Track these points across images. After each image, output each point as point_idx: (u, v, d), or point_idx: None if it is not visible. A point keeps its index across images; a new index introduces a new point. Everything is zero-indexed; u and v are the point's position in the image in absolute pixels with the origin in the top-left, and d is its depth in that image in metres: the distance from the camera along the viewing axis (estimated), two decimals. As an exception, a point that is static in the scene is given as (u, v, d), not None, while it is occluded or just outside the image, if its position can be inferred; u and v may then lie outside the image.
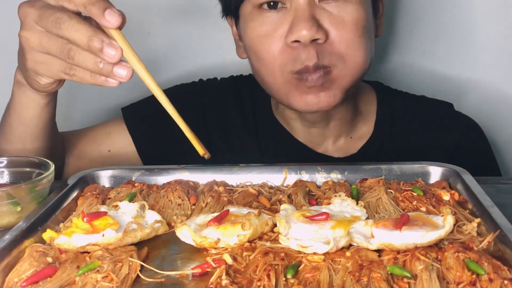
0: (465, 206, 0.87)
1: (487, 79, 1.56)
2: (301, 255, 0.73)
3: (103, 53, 0.79)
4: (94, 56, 0.80)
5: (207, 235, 0.77)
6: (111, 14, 0.79)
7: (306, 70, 1.07)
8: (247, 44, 1.15)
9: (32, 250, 0.74)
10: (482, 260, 0.67)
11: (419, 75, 1.58)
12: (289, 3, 1.06)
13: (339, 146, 1.28)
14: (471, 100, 1.53)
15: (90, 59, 0.81)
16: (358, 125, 1.29)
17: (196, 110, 1.32)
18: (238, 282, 0.67)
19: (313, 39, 1.04)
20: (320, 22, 1.05)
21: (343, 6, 1.06)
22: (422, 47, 1.57)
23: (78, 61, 0.82)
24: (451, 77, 1.57)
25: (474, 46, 1.55)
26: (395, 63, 1.60)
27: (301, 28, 1.03)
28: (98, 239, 0.76)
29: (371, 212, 0.87)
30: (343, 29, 1.06)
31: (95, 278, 0.68)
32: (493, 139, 1.42)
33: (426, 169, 0.99)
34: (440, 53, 1.57)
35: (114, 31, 0.81)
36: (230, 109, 1.32)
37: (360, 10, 1.07)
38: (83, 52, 0.81)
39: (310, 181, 0.98)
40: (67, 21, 0.81)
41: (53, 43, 0.84)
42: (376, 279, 0.66)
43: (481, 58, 1.55)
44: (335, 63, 1.07)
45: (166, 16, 1.57)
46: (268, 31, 1.08)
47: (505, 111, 1.58)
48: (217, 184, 0.97)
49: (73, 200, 0.93)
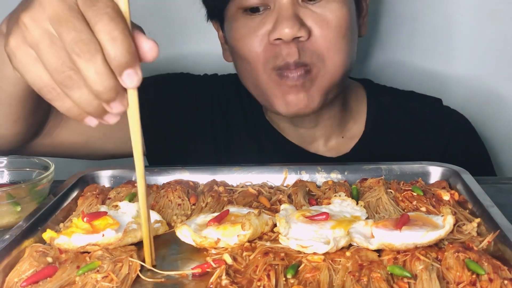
0: (465, 206, 0.87)
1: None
2: (301, 255, 0.73)
3: (110, 106, 0.64)
4: (95, 99, 0.64)
5: (207, 235, 0.77)
6: (131, 76, 0.62)
7: (287, 66, 1.07)
8: (232, 45, 1.15)
9: (32, 250, 0.74)
10: (482, 260, 0.68)
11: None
12: (273, 3, 1.07)
13: (331, 146, 1.28)
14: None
15: (88, 100, 0.64)
16: (349, 124, 1.29)
17: (205, 103, 1.31)
18: (238, 282, 0.67)
19: (295, 37, 1.04)
20: (303, 20, 1.06)
21: (326, 5, 1.07)
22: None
23: (72, 94, 0.63)
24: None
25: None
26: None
27: (283, 27, 1.04)
28: (98, 239, 0.75)
29: (371, 212, 0.87)
30: (326, 28, 1.06)
31: (95, 278, 0.68)
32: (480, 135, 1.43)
33: (426, 169, 0.99)
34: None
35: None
36: (232, 107, 1.32)
37: (343, 9, 1.08)
38: (83, 89, 0.63)
39: (310, 181, 0.98)
40: (92, 53, 0.61)
41: (53, 55, 0.63)
42: (376, 279, 0.66)
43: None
44: (315, 62, 1.08)
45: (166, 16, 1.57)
46: (252, 30, 1.09)
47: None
48: (217, 184, 0.97)
49: (73, 200, 0.93)
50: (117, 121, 0.67)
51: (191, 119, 1.30)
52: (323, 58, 1.08)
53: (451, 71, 1.57)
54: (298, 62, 1.06)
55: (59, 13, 0.62)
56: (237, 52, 1.13)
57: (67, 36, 0.61)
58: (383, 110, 1.30)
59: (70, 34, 0.61)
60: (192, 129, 1.30)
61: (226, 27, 1.17)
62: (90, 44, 0.61)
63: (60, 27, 0.62)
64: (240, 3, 1.09)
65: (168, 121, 1.29)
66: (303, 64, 1.07)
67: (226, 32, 1.17)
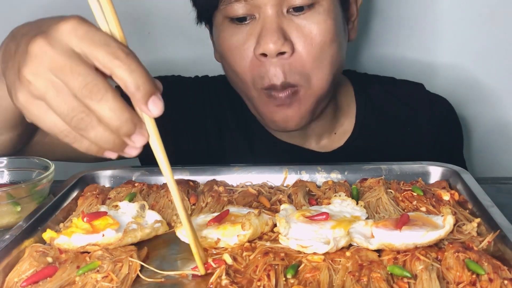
0: (465, 206, 0.87)
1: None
2: (301, 255, 0.73)
3: (132, 139, 0.65)
4: (111, 135, 0.64)
5: (207, 235, 0.77)
6: (156, 103, 0.63)
7: (274, 88, 1.08)
8: (220, 53, 1.16)
9: (32, 250, 0.74)
10: (482, 260, 0.68)
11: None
12: (258, 13, 1.06)
13: (324, 143, 1.29)
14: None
15: (105, 137, 0.64)
16: (340, 120, 1.29)
17: (197, 106, 1.32)
18: (238, 282, 0.67)
19: (279, 52, 1.04)
20: (287, 34, 1.05)
21: (310, 17, 1.06)
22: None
23: (87, 135, 0.64)
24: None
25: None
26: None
27: (267, 41, 1.03)
28: (98, 239, 0.76)
29: (371, 212, 0.87)
30: (310, 44, 1.06)
31: (95, 278, 0.68)
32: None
33: (426, 169, 0.99)
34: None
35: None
36: (225, 108, 1.32)
37: (328, 21, 1.06)
38: (97, 128, 0.63)
39: (310, 181, 0.98)
40: (102, 93, 0.61)
41: (62, 102, 0.63)
42: (376, 279, 0.66)
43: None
44: (302, 83, 1.08)
45: (166, 16, 1.57)
46: (239, 43, 1.09)
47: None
48: (217, 184, 0.97)
49: (73, 200, 0.93)
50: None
51: (183, 122, 1.30)
52: (308, 77, 1.08)
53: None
54: (284, 83, 1.07)
55: (59, 63, 0.62)
56: (227, 63, 1.14)
57: (74, 83, 0.62)
58: (372, 101, 1.30)
59: (76, 80, 0.61)
60: (184, 131, 1.30)
61: (214, 33, 1.17)
62: (98, 84, 0.61)
63: (64, 76, 0.62)
64: (226, 12, 1.09)
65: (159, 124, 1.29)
66: (290, 85, 1.07)
67: (215, 38, 1.17)
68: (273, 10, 1.04)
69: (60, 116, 0.64)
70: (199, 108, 1.32)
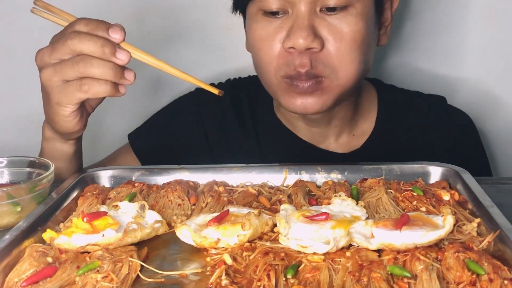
0: (465, 206, 0.87)
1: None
2: (301, 255, 0.73)
3: (116, 56, 0.91)
4: (105, 61, 0.91)
5: (207, 235, 0.77)
6: (115, 31, 0.92)
7: (298, 76, 1.08)
8: (250, 43, 1.18)
9: (32, 250, 0.74)
10: (482, 260, 0.68)
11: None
12: (291, 9, 1.08)
13: (342, 143, 1.30)
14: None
15: (102, 65, 0.91)
16: (359, 122, 1.30)
17: (195, 120, 1.35)
18: (238, 282, 0.67)
19: (308, 48, 1.05)
20: (317, 31, 1.06)
21: (343, 18, 1.07)
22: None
23: (91, 70, 0.91)
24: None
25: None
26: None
27: (297, 36, 1.04)
28: (98, 239, 0.76)
29: (371, 212, 0.87)
30: (340, 41, 1.07)
31: (95, 278, 0.68)
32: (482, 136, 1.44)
33: (426, 169, 0.99)
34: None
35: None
36: (228, 113, 1.34)
37: (359, 23, 1.07)
38: (94, 61, 0.91)
39: (310, 181, 0.98)
40: (77, 36, 0.91)
41: (66, 62, 0.92)
42: (376, 279, 0.66)
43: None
44: (327, 75, 1.09)
45: (166, 16, 1.57)
46: (269, 34, 1.11)
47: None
48: (217, 184, 0.97)
49: (73, 200, 0.93)
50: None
51: (185, 141, 1.35)
52: (335, 70, 1.09)
53: (456, 74, 1.57)
54: (310, 73, 1.07)
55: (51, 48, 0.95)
56: (254, 52, 1.16)
57: (61, 47, 0.93)
58: (393, 108, 1.32)
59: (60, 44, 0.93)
60: (188, 149, 1.35)
61: (246, 23, 1.19)
62: (72, 33, 0.93)
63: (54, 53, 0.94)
64: (260, 5, 1.10)
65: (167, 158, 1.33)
66: (314, 76, 1.08)
67: (247, 29, 1.19)
68: (306, 7, 1.05)
69: (70, 73, 0.93)
70: (197, 124, 1.36)
